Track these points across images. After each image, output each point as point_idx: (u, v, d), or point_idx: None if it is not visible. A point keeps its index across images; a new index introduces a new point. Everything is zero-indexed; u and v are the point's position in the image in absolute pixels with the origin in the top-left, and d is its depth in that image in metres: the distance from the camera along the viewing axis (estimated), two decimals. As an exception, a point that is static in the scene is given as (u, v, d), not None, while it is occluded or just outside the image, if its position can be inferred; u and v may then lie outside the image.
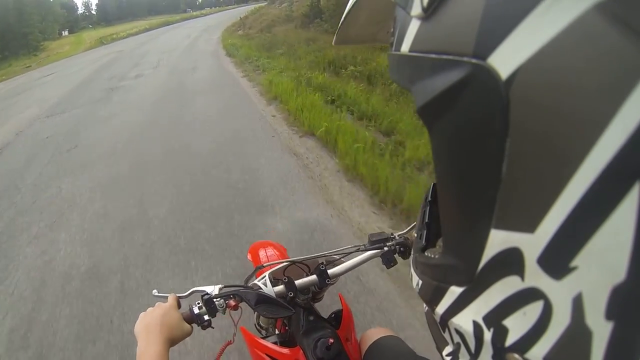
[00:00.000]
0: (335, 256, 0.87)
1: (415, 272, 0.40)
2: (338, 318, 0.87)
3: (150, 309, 0.68)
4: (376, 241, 0.84)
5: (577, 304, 0.19)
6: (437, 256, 0.35)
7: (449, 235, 0.31)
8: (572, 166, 0.17)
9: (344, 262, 0.84)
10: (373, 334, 0.86)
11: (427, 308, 0.38)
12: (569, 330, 0.20)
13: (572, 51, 0.17)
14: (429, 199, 0.42)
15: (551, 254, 0.20)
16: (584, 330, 0.18)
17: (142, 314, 0.67)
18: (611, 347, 0.18)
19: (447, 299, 0.31)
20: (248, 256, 1.24)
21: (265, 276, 0.77)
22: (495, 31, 0.20)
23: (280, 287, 0.76)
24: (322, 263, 0.81)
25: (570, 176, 0.18)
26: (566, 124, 0.18)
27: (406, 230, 0.87)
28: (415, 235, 0.44)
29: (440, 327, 0.35)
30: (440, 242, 0.37)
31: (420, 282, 0.38)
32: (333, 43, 0.60)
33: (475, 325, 0.27)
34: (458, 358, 0.32)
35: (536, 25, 0.18)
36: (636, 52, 0.15)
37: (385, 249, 0.82)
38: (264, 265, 0.83)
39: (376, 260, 0.83)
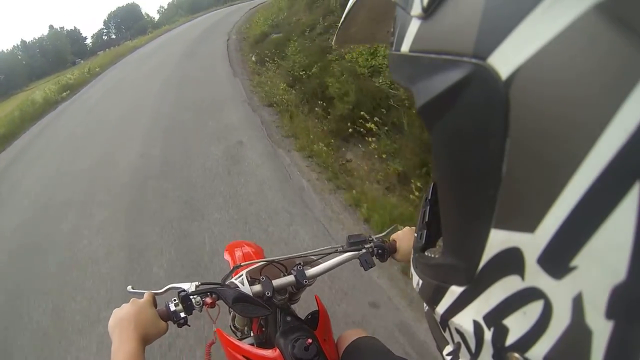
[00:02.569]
0: (312, 257, 0.87)
1: (415, 271, 0.40)
2: (315, 319, 0.87)
3: (124, 305, 0.65)
4: (354, 243, 0.84)
5: (577, 303, 0.19)
6: (437, 256, 0.35)
7: (449, 235, 0.31)
8: (572, 166, 0.17)
9: (321, 263, 0.84)
10: (350, 335, 0.86)
11: (427, 308, 0.38)
12: (569, 329, 0.20)
13: (572, 51, 0.17)
14: (429, 198, 0.42)
15: (551, 254, 0.20)
16: (584, 329, 0.18)
17: (115, 310, 0.64)
18: (611, 346, 0.18)
19: (448, 299, 0.31)
20: (225, 255, 1.23)
21: (242, 275, 0.77)
22: (495, 31, 0.20)
23: (257, 287, 0.76)
24: (300, 264, 0.81)
25: (570, 176, 0.18)
26: (566, 124, 0.18)
27: (384, 233, 0.89)
28: (416, 234, 0.44)
29: (440, 326, 0.35)
30: (440, 242, 0.37)
31: (421, 281, 0.38)
32: (333, 43, 0.60)
33: (476, 324, 0.27)
34: (458, 357, 0.32)
35: (536, 26, 0.18)
36: (636, 52, 0.15)
37: (363, 250, 0.83)
38: (242, 264, 0.83)
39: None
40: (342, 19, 0.50)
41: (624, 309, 0.17)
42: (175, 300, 0.68)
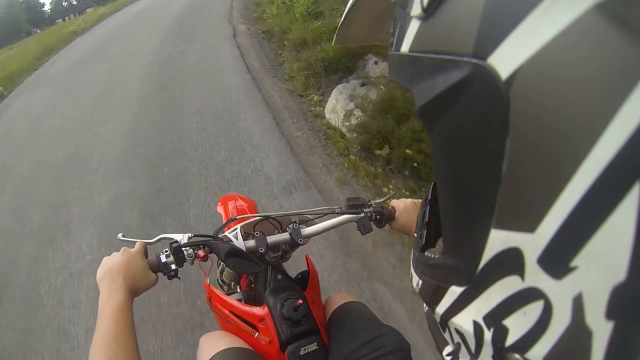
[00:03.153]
0: (308, 216, 0.86)
1: (415, 271, 0.40)
2: (304, 280, 0.86)
3: (114, 253, 0.63)
4: (353, 206, 0.82)
5: (577, 303, 0.19)
6: (437, 256, 0.35)
7: (449, 235, 0.31)
8: (572, 166, 0.17)
9: (317, 223, 0.82)
10: (338, 299, 0.86)
11: (427, 308, 0.38)
12: (569, 330, 0.20)
13: (572, 51, 0.17)
14: (429, 198, 0.42)
15: (551, 254, 0.20)
16: (584, 330, 0.18)
17: (105, 259, 0.62)
18: (611, 346, 0.18)
19: (447, 299, 0.31)
20: (217, 208, 1.21)
21: (236, 229, 0.75)
22: (495, 31, 0.20)
23: (251, 242, 0.74)
24: (295, 222, 0.79)
25: (570, 176, 0.18)
26: (566, 124, 0.18)
27: (383, 199, 0.87)
28: (415, 235, 0.44)
29: (440, 327, 0.35)
30: (440, 242, 0.37)
31: (420, 282, 0.38)
32: (333, 43, 0.60)
33: (476, 325, 0.27)
34: (458, 358, 0.32)
35: (536, 26, 0.18)
36: (636, 52, 0.15)
37: (362, 214, 0.81)
38: (236, 217, 0.80)
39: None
40: (342, 19, 0.50)
41: (624, 309, 0.17)
42: (166, 251, 0.65)
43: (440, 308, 0.32)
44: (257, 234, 0.76)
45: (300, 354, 0.70)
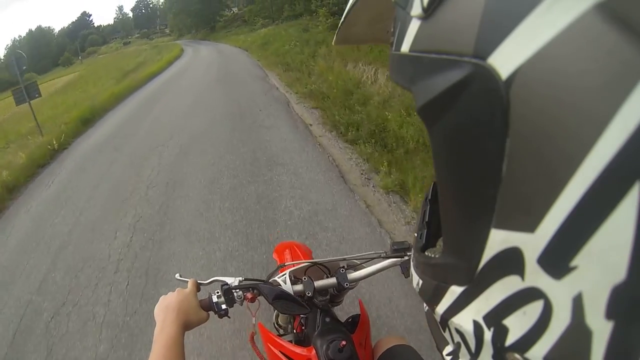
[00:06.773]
0: (356, 261, 0.89)
1: (415, 271, 0.40)
2: (355, 323, 0.88)
3: (170, 293, 0.71)
4: (398, 249, 0.85)
5: (577, 303, 0.19)
6: (437, 256, 0.35)
7: (449, 235, 0.31)
8: (572, 166, 0.17)
9: (364, 267, 0.85)
10: (388, 342, 0.87)
11: (427, 308, 0.38)
12: (569, 329, 0.20)
13: (572, 51, 0.17)
14: (429, 198, 0.42)
15: (551, 254, 0.20)
16: (584, 329, 0.18)
17: (162, 297, 0.71)
18: (611, 346, 0.18)
19: (448, 299, 0.31)
20: (274, 255, 1.28)
21: (285, 274, 0.80)
22: (495, 31, 0.20)
23: (299, 286, 0.78)
24: (343, 267, 0.83)
25: (570, 176, 0.18)
26: (566, 124, 0.18)
27: None
28: (416, 234, 0.44)
29: (440, 326, 0.35)
30: (440, 242, 0.37)
31: (421, 281, 0.38)
32: (333, 43, 0.60)
33: (476, 324, 0.27)
34: (458, 358, 0.32)
35: (536, 26, 0.18)
36: (636, 52, 0.15)
37: (406, 258, 0.83)
38: (286, 263, 0.86)
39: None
40: (342, 19, 0.50)
41: (624, 309, 0.17)
42: (217, 292, 0.72)
43: (441, 308, 0.32)
44: (305, 278, 0.80)
45: None
